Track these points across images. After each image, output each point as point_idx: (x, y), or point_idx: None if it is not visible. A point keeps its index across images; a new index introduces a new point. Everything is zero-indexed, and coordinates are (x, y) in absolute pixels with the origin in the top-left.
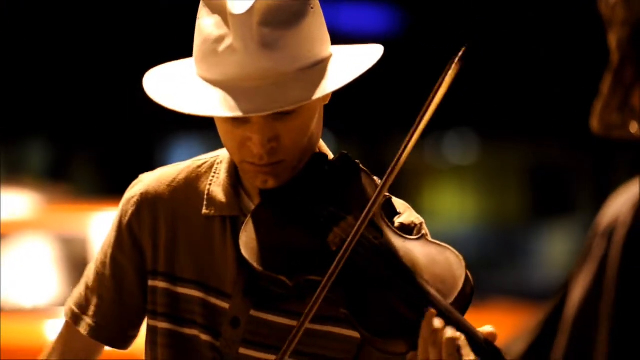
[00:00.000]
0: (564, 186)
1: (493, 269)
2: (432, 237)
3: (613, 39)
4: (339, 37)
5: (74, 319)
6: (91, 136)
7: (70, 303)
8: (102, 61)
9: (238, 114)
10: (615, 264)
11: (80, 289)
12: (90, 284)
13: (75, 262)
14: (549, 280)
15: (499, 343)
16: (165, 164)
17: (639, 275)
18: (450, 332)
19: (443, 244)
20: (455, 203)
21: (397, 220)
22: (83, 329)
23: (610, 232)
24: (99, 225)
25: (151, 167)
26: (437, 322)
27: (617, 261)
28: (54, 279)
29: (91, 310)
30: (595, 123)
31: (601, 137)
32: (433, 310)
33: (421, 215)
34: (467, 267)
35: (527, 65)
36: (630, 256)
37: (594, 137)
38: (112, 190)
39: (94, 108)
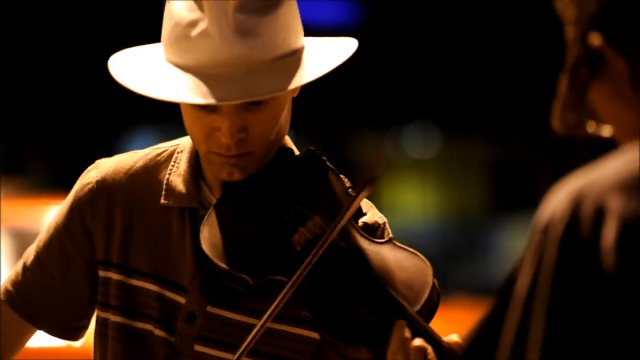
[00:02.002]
0: (525, 181)
1: (454, 264)
2: (393, 232)
3: (568, 38)
4: None
5: (8, 297)
6: (45, 129)
7: (6, 282)
8: (56, 53)
9: (211, 101)
10: (551, 261)
11: (18, 269)
12: (29, 264)
13: None
14: None
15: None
16: None
17: (574, 272)
18: (419, 342)
19: (410, 249)
20: (416, 197)
21: (361, 220)
22: (17, 308)
23: (547, 227)
24: None
25: None
26: (407, 333)
27: (553, 258)
28: (8, 274)
29: (28, 292)
30: (556, 123)
31: (564, 137)
32: (403, 322)
33: (382, 210)
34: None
35: (488, 59)
36: (566, 253)
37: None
38: (67, 184)
39: (48, 101)
